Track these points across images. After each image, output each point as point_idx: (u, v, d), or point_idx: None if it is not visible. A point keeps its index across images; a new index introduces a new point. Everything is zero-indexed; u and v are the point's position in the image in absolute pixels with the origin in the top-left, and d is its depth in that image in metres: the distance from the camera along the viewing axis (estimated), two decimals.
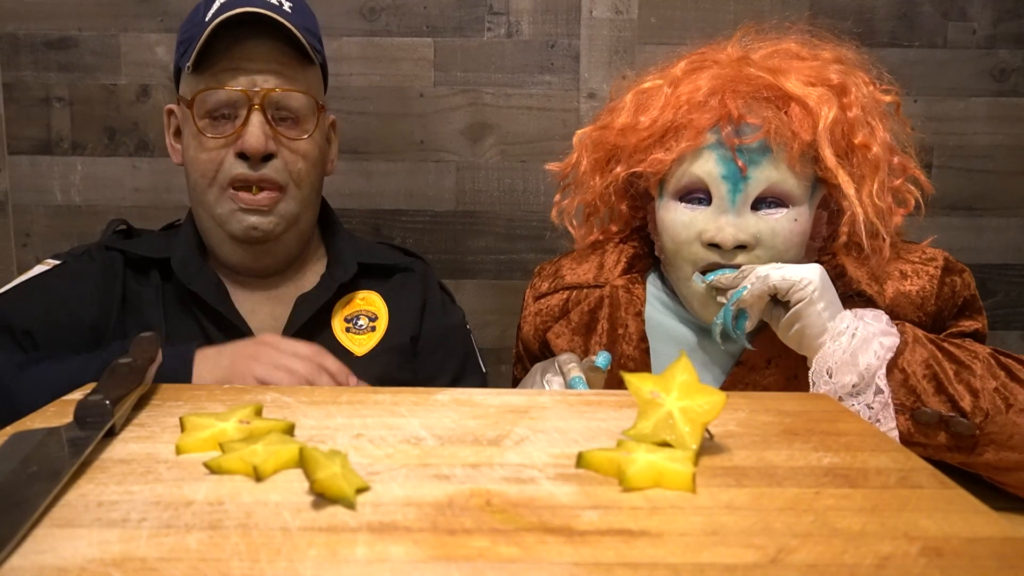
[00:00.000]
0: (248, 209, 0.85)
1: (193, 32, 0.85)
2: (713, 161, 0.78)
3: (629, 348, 0.85)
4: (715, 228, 0.78)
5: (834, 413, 0.52)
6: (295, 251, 0.93)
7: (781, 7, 1.24)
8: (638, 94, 0.85)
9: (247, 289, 0.92)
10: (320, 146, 0.91)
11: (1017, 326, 1.33)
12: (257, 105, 0.83)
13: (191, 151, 0.87)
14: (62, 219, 1.29)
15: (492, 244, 1.31)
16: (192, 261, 0.89)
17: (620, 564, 0.31)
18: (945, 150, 1.28)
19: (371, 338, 0.92)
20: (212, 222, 0.88)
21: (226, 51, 0.83)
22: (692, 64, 0.84)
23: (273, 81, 0.84)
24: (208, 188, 0.86)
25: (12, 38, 1.24)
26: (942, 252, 0.84)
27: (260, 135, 0.83)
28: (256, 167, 0.84)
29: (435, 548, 0.32)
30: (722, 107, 0.78)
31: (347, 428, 0.49)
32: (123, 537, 0.33)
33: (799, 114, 0.76)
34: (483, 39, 1.26)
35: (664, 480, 0.39)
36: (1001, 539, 0.34)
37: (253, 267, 0.91)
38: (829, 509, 0.37)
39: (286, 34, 0.83)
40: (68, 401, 0.54)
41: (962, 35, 1.26)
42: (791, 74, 0.78)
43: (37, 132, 1.26)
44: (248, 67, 0.84)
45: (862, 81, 0.82)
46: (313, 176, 0.90)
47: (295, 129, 0.87)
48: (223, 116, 0.85)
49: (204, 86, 0.84)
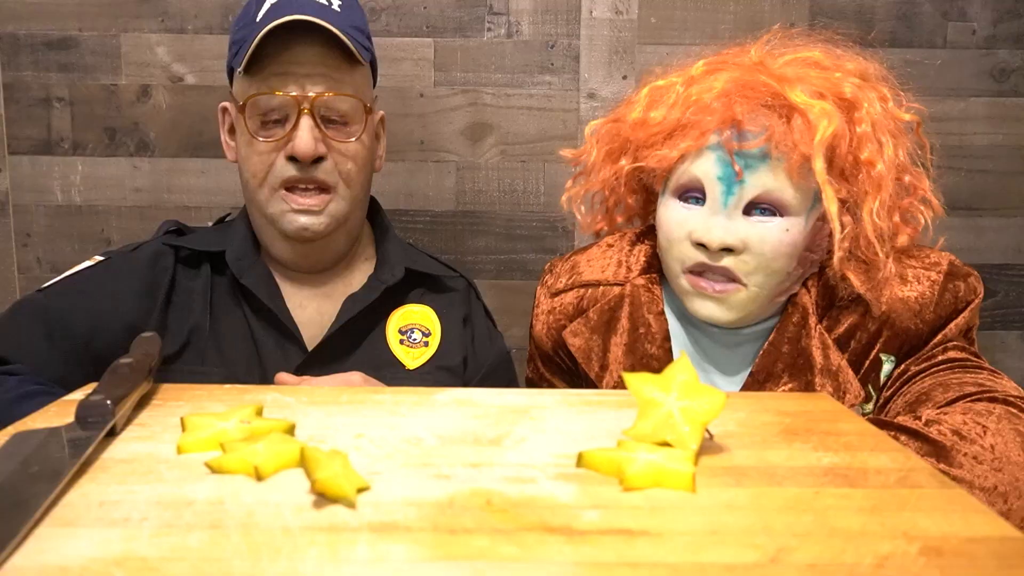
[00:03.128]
0: (299, 210, 0.87)
1: (244, 33, 0.86)
2: (712, 162, 0.78)
3: (652, 347, 0.85)
4: (704, 228, 0.78)
5: (834, 413, 0.52)
6: (344, 249, 0.95)
7: (781, 7, 1.24)
8: (653, 90, 0.86)
9: (296, 284, 0.93)
10: (368, 146, 0.92)
11: (1017, 326, 1.33)
12: (307, 110, 0.84)
13: (243, 151, 0.89)
14: (62, 219, 1.29)
15: (492, 244, 1.31)
16: (246, 255, 0.91)
17: (620, 564, 0.31)
18: (945, 150, 1.28)
19: (424, 353, 0.93)
20: (264, 220, 0.90)
21: (276, 55, 0.84)
22: (711, 65, 0.84)
23: (322, 85, 0.85)
24: (259, 188, 0.88)
25: (12, 38, 1.24)
26: (948, 256, 0.82)
27: (309, 139, 0.84)
28: (306, 170, 0.86)
29: (435, 548, 0.33)
30: (727, 111, 0.78)
31: (348, 428, 0.49)
32: (124, 536, 0.33)
33: (801, 125, 0.76)
34: (483, 39, 1.26)
35: (664, 480, 0.39)
36: (1000, 539, 0.34)
37: (302, 263, 0.93)
38: (829, 509, 0.37)
39: (335, 37, 0.84)
40: (69, 401, 0.54)
41: (962, 35, 1.26)
42: (801, 84, 0.78)
43: (37, 132, 1.26)
44: (298, 71, 0.84)
45: (878, 97, 0.80)
46: (362, 176, 0.91)
47: (344, 131, 0.88)
48: (274, 120, 0.86)
49: (255, 90, 0.85)
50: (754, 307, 0.80)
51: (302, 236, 0.88)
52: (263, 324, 0.89)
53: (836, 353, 0.80)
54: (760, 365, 0.82)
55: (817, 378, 0.79)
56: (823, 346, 0.80)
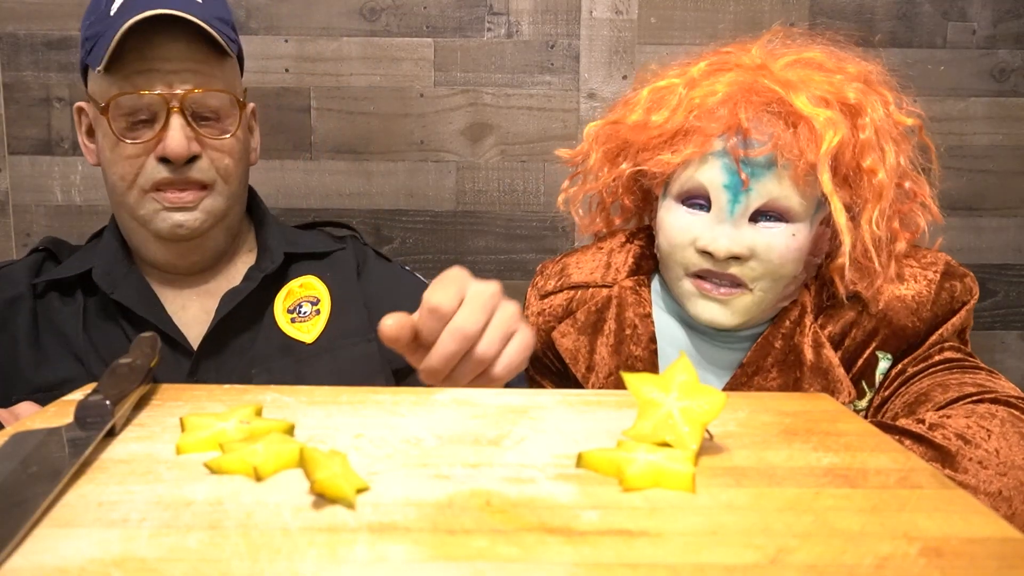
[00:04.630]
0: (172, 207, 0.82)
1: (98, 28, 0.81)
2: (717, 169, 0.78)
3: (638, 349, 0.85)
4: (710, 237, 0.78)
5: (834, 413, 0.52)
6: (223, 246, 0.90)
7: (781, 7, 1.24)
8: (654, 91, 0.85)
9: (176, 287, 0.89)
10: (243, 140, 0.88)
11: (1017, 326, 1.33)
12: (176, 108, 0.80)
13: (107, 154, 0.84)
14: (62, 219, 1.29)
15: (492, 244, 1.31)
16: (115, 268, 0.86)
17: (620, 564, 0.31)
18: (945, 150, 1.28)
19: (317, 322, 0.89)
20: (135, 223, 0.85)
21: (138, 52, 0.79)
22: (712, 65, 0.83)
23: (192, 81, 0.81)
24: (128, 191, 0.83)
25: (12, 38, 1.24)
26: (944, 256, 0.82)
27: (182, 139, 0.79)
28: (179, 171, 0.81)
29: (435, 548, 0.33)
30: (732, 117, 0.77)
31: (347, 428, 0.49)
32: (123, 537, 0.33)
33: (807, 133, 0.76)
34: (483, 39, 1.26)
35: (664, 481, 0.39)
36: (1001, 539, 0.34)
37: (180, 264, 0.88)
38: (829, 509, 0.37)
39: (200, 30, 0.79)
40: (68, 401, 0.54)
41: (962, 35, 1.26)
42: (806, 89, 0.77)
43: (37, 132, 1.26)
44: (163, 67, 0.80)
45: (882, 102, 0.80)
46: (239, 170, 0.87)
47: (217, 127, 0.84)
48: (141, 120, 0.81)
49: (118, 90, 0.80)
50: (757, 311, 0.80)
51: (176, 234, 0.83)
52: None
53: (829, 351, 0.79)
54: (751, 358, 0.82)
55: (806, 375, 0.79)
56: (815, 344, 0.80)
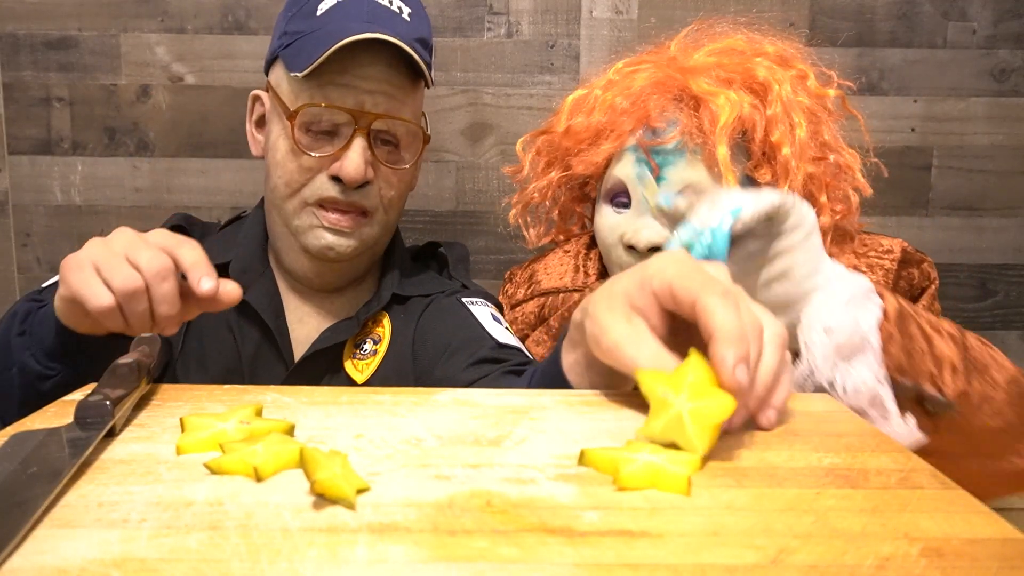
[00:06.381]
0: (329, 228, 0.80)
1: (302, 27, 0.79)
2: (631, 163, 0.78)
3: None
4: (632, 231, 0.78)
5: (834, 413, 0.52)
6: (363, 272, 0.89)
7: (781, 7, 1.24)
8: (575, 100, 0.86)
9: (301, 298, 0.88)
10: (414, 173, 0.86)
11: (1017, 326, 1.33)
12: (363, 130, 0.77)
13: (278, 156, 0.81)
14: (62, 219, 1.29)
15: (492, 244, 1.31)
16: (252, 266, 0.85)
17: (620, 565, 0.31)
18: (945, 150, 1.28)
19: (372, 362, 0.85)
20: (285, 230, 0.84)
21: (339, 63, 0.76)
22: (629, 65, 0.84)
23: (383, 105, 0.78)
24: (289, 198, 0.81)
25: (12, 38, 1.24)
26: (900, 242, 0.81)
27: (361, 164, 0.77)
28: (348, 194, 0.79)
29: (435, 549, 0.32)
30: (641, 110, 0.77)
31: (347, 428, 0.48)
32: (123, 538, 0.33)
33: (709, 116, 0.75)
34: (483, 39, 1.26)
35: (659, 482, 0.39)
36: (1002, 539, 0.34)
37: (315, 281, 0.87)
38: (830, 510, 0.37)
39: (402, 53, 0.77)
40: (68, 401, 0.54)
41: (962, 35, 1.26)
42: (706, 74, 0.76)
43: (37, 132, 1.26)
44: (361, 86, 0.78)
45: (796, 76, 0.79)
46: (401, 203, 0.85)
47: (395, 155, 0.82)
48: (322, 131, 0.79)
49: (309, 98, 0.78)
50: None
51: (324, 255, 0.81)
52: (254, 335, 0.83)
53: None
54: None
55: None
56: None
